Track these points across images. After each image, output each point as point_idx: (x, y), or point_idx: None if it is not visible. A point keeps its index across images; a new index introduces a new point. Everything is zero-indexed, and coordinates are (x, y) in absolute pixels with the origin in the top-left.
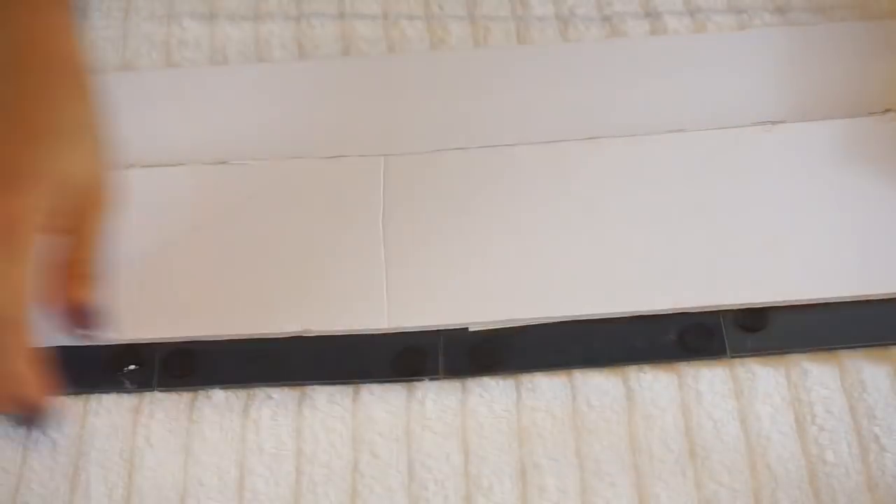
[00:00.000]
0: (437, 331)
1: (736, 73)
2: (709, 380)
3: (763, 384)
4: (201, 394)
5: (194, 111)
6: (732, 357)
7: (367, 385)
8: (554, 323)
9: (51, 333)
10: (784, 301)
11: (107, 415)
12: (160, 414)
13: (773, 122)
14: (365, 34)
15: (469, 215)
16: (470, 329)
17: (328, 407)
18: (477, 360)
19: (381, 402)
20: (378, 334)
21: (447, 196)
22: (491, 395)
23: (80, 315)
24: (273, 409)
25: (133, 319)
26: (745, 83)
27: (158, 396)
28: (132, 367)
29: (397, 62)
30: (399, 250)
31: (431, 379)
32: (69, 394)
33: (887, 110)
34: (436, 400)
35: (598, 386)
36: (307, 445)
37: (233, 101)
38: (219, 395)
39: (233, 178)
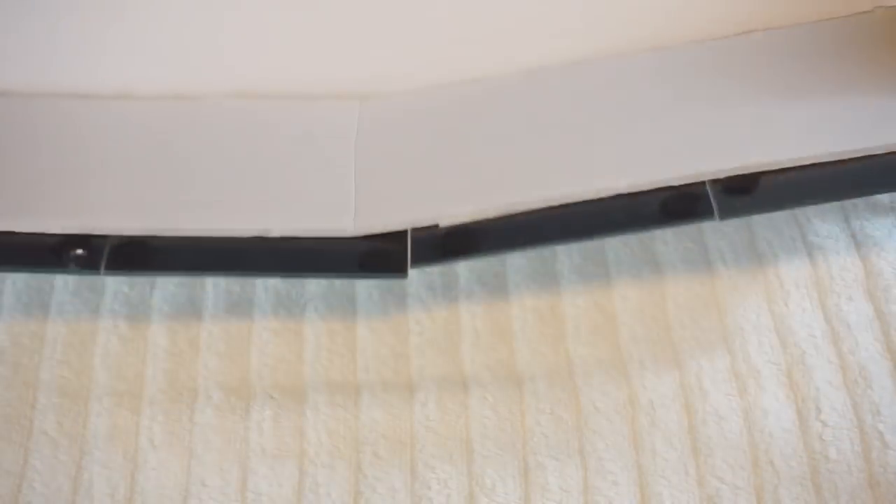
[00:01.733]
0: (405, 230)
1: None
2: (711, 376)
3: (767, 379)
4: (203, 395)
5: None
6: (721, 219)
7: (370, 387)
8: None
9: None
10: (771, 163)
11: (109, 415)
12: (162, 415)
13: (760, 31)
14: None
15: (441, 118)
16: (440, 225)
17: (330, 408)
18: (448, 248)
19: (384, 404)
20: (344, 238)
21: (423, 112)
22: (494, 396)
23: None
24: (275, 409)
25: (87, 209)
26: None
27: (158, 398)
28: (80, 251)
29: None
30: (369, 153)
31: (401, 275)
32: (10, 270)
33: (876, 7)
34: (438, 401)
35: (601, 386)
36: (310, 446)
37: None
38: (220, 396)
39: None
